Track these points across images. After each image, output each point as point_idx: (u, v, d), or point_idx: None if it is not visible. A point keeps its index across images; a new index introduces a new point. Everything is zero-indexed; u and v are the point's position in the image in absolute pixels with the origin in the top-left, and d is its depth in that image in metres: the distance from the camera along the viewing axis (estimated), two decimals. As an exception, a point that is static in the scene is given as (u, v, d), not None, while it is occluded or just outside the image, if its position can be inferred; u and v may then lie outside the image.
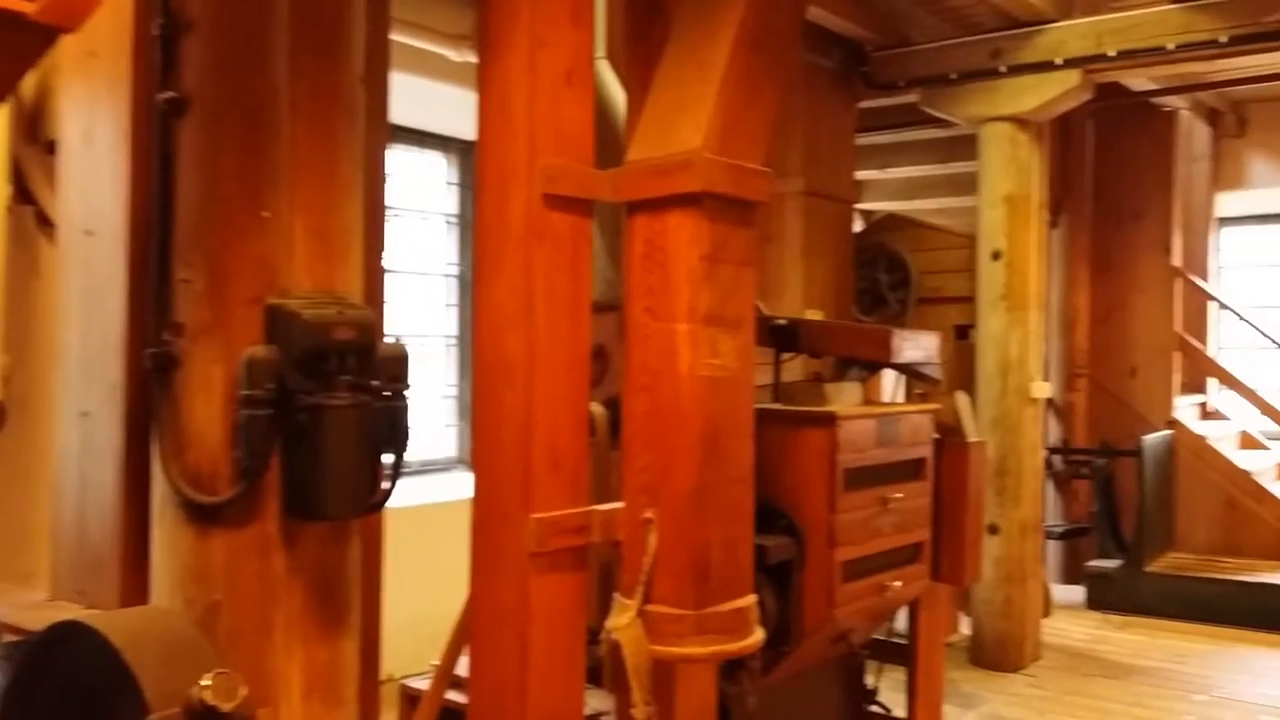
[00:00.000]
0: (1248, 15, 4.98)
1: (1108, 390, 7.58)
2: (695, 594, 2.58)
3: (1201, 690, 5.38)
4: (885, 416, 3.47)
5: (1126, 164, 7.56)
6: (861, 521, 3.36)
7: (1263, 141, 8.31)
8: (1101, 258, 7.61)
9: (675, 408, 2.59)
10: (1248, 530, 7.06)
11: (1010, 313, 5.73)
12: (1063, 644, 6.18)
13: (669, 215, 2.60)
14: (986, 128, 5.82)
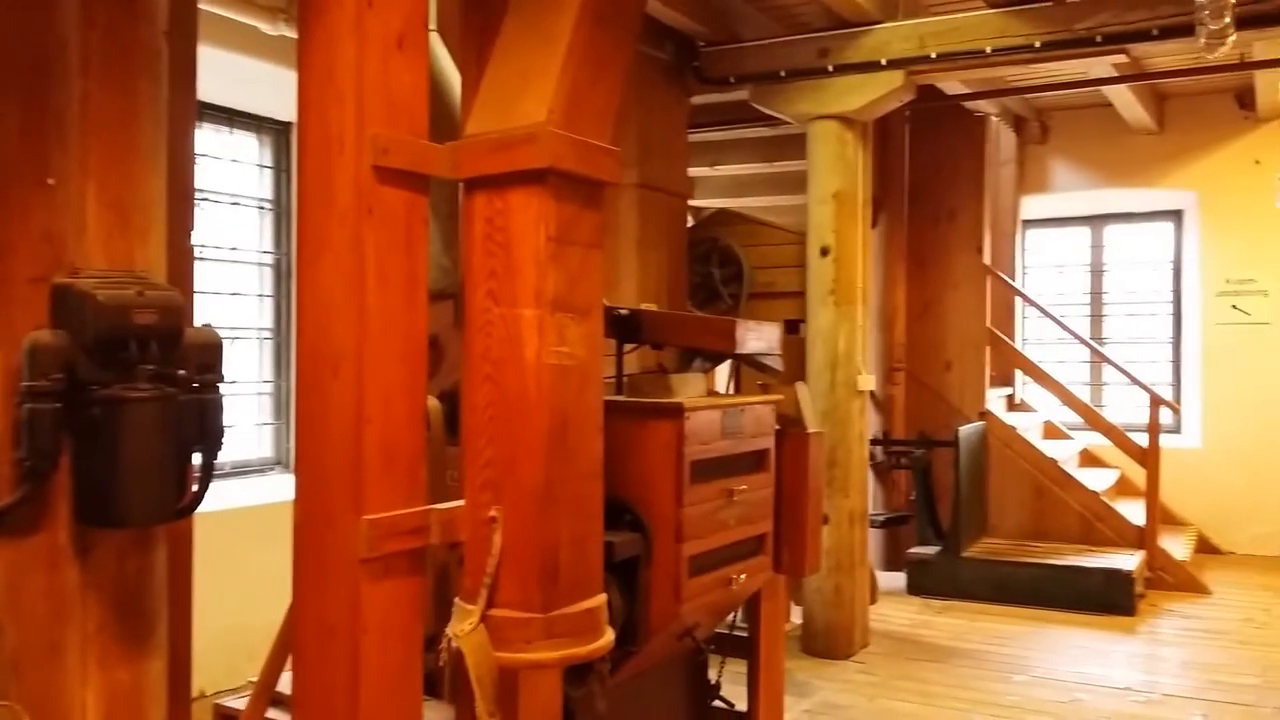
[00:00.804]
0: (1061, 22, 5.19)
1: (924, 383, 7.82)
2: (543, 595, 2.43)
3: (1020, 671, 5.58)
4: (730, 408, 3.40)
5: (941, 166, 7.82)
6: (708, 515, 3.28)
7: (1063, 148, 8.78)
8: (918, 256, 7.85)
9: (521, 399, 2.44)
10: (1054, 515, 7.42)
11: (838, 307, 5.81)
12: (888, 630, 6.32)
13: (512, 193, 2.44)
14: (815, 126, 5.88)
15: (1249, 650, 5.87)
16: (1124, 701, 5.11)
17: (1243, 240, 8.27)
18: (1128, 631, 6.28)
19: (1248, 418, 8.18)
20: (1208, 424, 8.32)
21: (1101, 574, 6.70)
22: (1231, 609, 6.72)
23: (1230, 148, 8.27)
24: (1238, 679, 5.40)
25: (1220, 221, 8.37)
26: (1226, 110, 8.23)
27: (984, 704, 5.12)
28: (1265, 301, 8.18)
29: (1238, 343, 8.27)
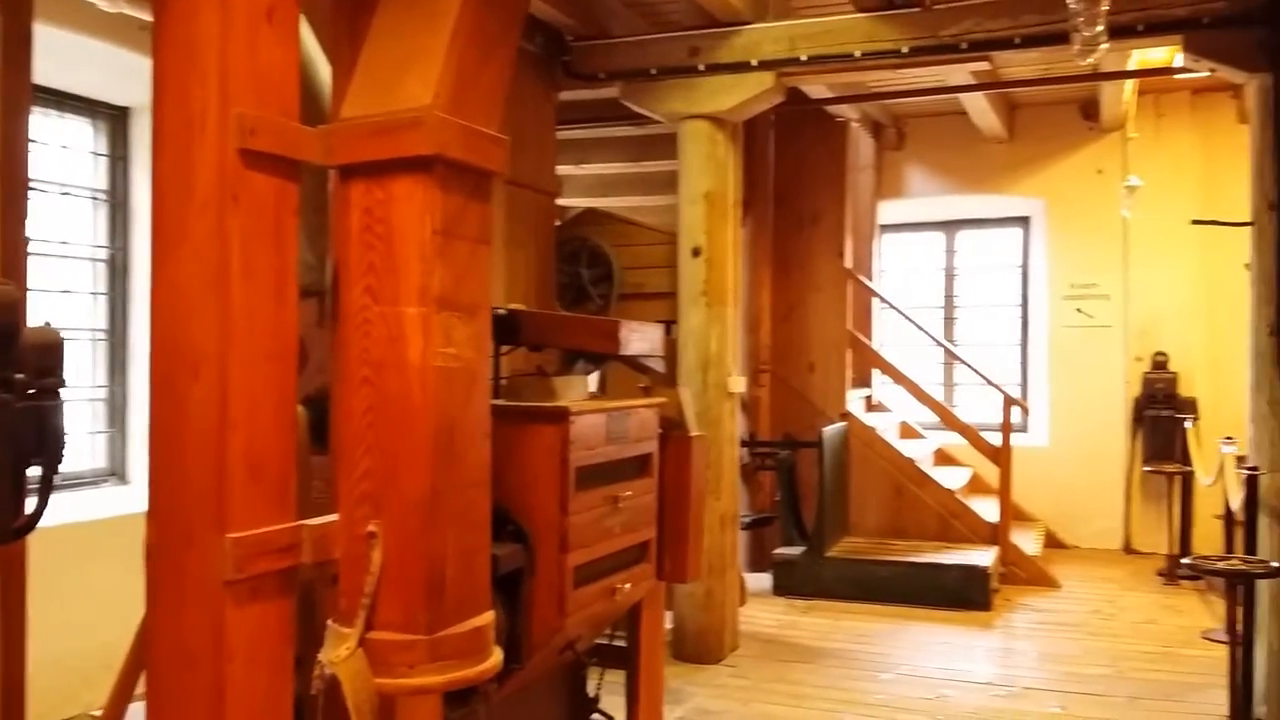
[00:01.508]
0: (928, 28, 5.27)
1: (788, 385, 7.88)
2: (428, 615, 2.25)
3: (887, 668, 5.64)
4: (615, 411, 3.27)
5: (804, 170, 7.90)
6: (593, 522, 3.15)
7: (919, 154, 9.00)
8: (782, 259, 7.91)
9: (404, 403, 2.25)
10: (913, 514, 7.57)
11: (710, 309, 5.77)
12: (756, 631, 6.32)
13: (395, 181, 2.26)
14: (686, 125, 5.83)
15: (1099, 641, 6.09)
16: (987, 696, 5.21)
17: (1086, 246, 8.64)
18: (985, 626, 6.44)
19: (1091, 417, 8.55)
20: (1054, 423, 8.67)
21: (959, 570, 6.86)
22: (1080, 601, 6.98)
23: (1075, 157, 8.63)
24: (1091, 670, 5.58)
25: (1066, 228, 8.73)
26: (1072, 121, 8.59)
27: (854, 703, 5.14)
28: (1107, 305, 8.56)
29: (1082, 345, 8.64)
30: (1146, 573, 7.74)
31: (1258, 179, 4.80)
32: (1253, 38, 4.68)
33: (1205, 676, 5.39)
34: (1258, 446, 4.78)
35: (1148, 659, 5.74)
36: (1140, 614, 6.68)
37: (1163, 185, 7.94)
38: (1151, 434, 8.16)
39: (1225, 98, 8.20)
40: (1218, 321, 8.24)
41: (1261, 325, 4.75)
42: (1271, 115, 4.70)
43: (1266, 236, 4.74)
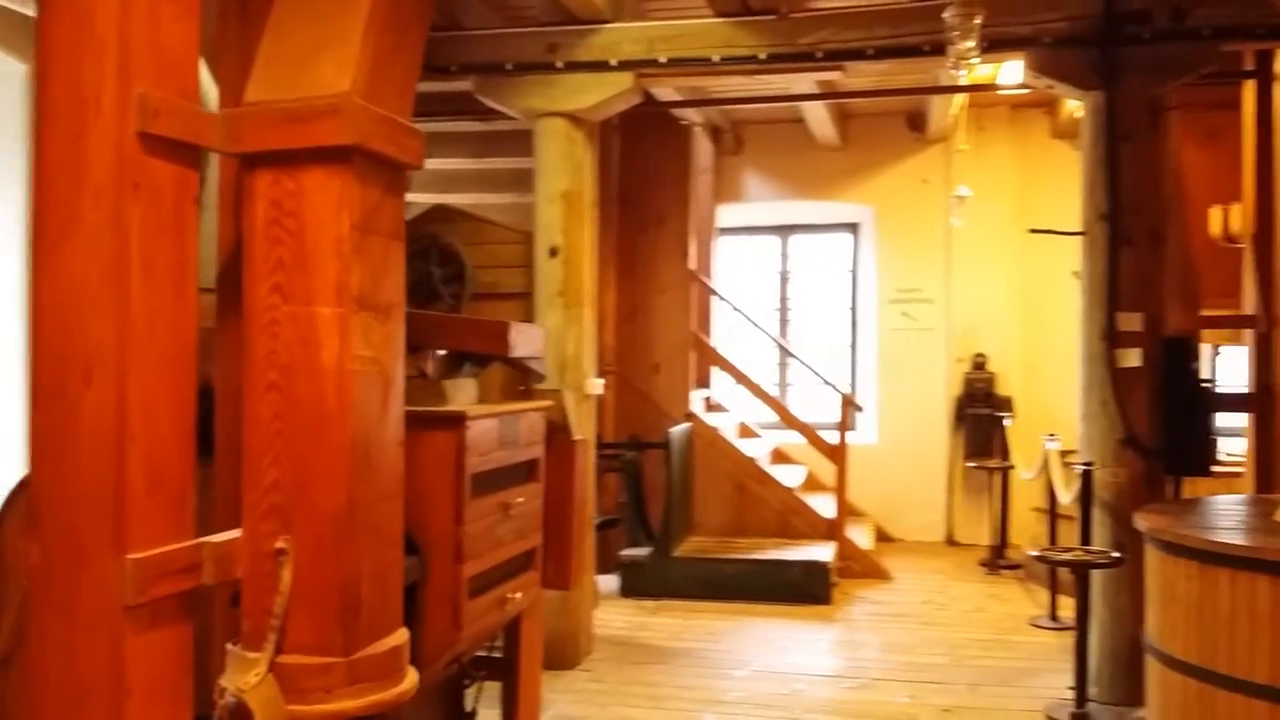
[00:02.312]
0: (784, 36, 5.37)
1: (633, 386, 7.90)
2: (344, 636, 2.12)
3: (739, 665, 5.72)
4: (506, 415, 3.18)
5: (649, 171, 7.94)
6: (486, 531, 3.05)
7: (756, 160, 9.20)
8: (628, 260, 7.92)
9: (317, 410, 2.11)
10: (754, 511, 7.73)
11: (568, 310, 5.71)
12: (609, 635, 6.30)
13: (308, 173, 2.11)
14: (543, 123, 5.75)
15: (934, 631, 6.37)
16: (838, 689, 5.36)
17: (912, 252, 9.04)
18: (828, 620, 6.64)
19: (916, 416, 8.96)
20: (882, 422, 9.02)
21: (801, 566, 7.04)
22: (912, 593, 7.29)
23: (902, 166, 9.02)
24: (930, 659, 5.82)
25: (893, 234, 9.11)
26: (900, 132, 8.97)
27: (712, 702, 5.19)
28: (931, 309, 8.98)
29: (907, 347, 9.04)
30: (970, 563, 8.17)
31: (1090, 192, 5.11)
32: (1088, 58, 4.99)
33: (1038, 661, 5.72)
34: (1089, 443, 5.09)
35: (982, 646, 6.04)
36: (969, 603, 7.03)
37: (982, 195, 8.38)
38: (972, 431, 8.62)
39: (1040, 114, 8.75)
40: (1032, 325, 8.78)
41: (1093, 330, 5.06)
42: (1104, 131, 5.01)
43: (1098, 246, 5.05)
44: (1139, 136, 5.02)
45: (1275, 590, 3.49)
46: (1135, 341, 4.98)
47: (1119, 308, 4.99)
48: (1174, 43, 4.94)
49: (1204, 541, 3.74)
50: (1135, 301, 5.00)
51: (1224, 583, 3.65)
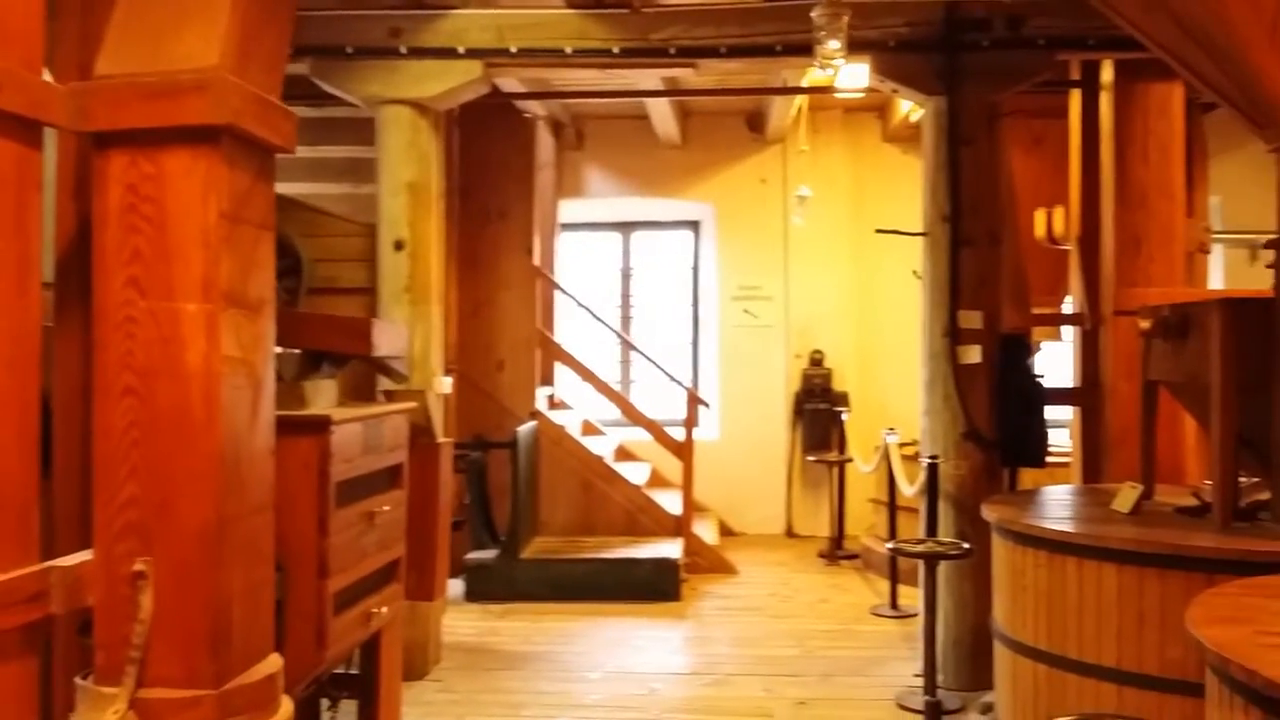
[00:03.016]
0: (637, 30, 5.31)
1: (476, 384, 7.71)
2: (214, 666, 1.93)
3: (594, 668, 5.64)
4: (370, 419, 3.00)
5: (491, 164, 7.76)
6: (351, 542, 2.87)
7: (597, 155, 9.14)
8: (470, 254, 7.72)
9: (182, 417, 1.91)
10: (601, 510, 7.66)
11: (414, 306, 5.49)
12: (457, 642, 6.10)
13: (171, 154, 1.91)
14: (386, 110, 5.51)
15: (782, 623, 6.45)
16: (696, 686, 5.35)
17: (752, 251, 9.16)
18: (679, 617, 6.63)
19: (756, 411, 9.09)
20: (724, 418, 9.11)
21: (650, 564, 7.02)
22: (758, 586, 7.38)
23: (742, 166, 9.13)
24: (781, 651, 5.89)
25: (733, 233, 9.21)
26: (739, 131, 9.07)
27: (570, 706, 5.09)
28: (770, 306, 9.13)
29: (748, 343, 9.16)
30: (809, 554, 8.34)
31: (932, 194, 5.26)
32: (931, 63, 5.13)
33: (883, 650, 5.86)
34: (933, 437, 5.24)
35: (829, 637, 6.15)
36: (813, 594, 7.16)
37: (818, 196, 8.55)
38: (811, 426, 8.81)
39: (873, 118, 9.02)
40: (866, 323, 9.05)
41: (936, 327, 5.21)
42: (946, 135, 5.17)
43: (940, 246, 5.20)
44: (978, 141, 5.20)
45: (1121, 577, 3.65)
46: (976, 339, 5.16)
47: (960, 306, 5.16)
48: (1011, 51, 5.14)
49: (1053, 532, 3.88)
50: (975, 300, 5.18)
51: (1072, 571, 3.80)
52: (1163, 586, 3.55)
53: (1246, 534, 3.66)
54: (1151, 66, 5.32)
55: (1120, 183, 5.40)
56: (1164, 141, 5.34)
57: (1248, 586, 2.90)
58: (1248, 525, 3.83)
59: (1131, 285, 5.34)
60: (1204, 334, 3.97)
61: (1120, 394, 5.33)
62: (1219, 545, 3.49)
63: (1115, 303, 5.38)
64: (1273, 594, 2.81)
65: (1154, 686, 3.57)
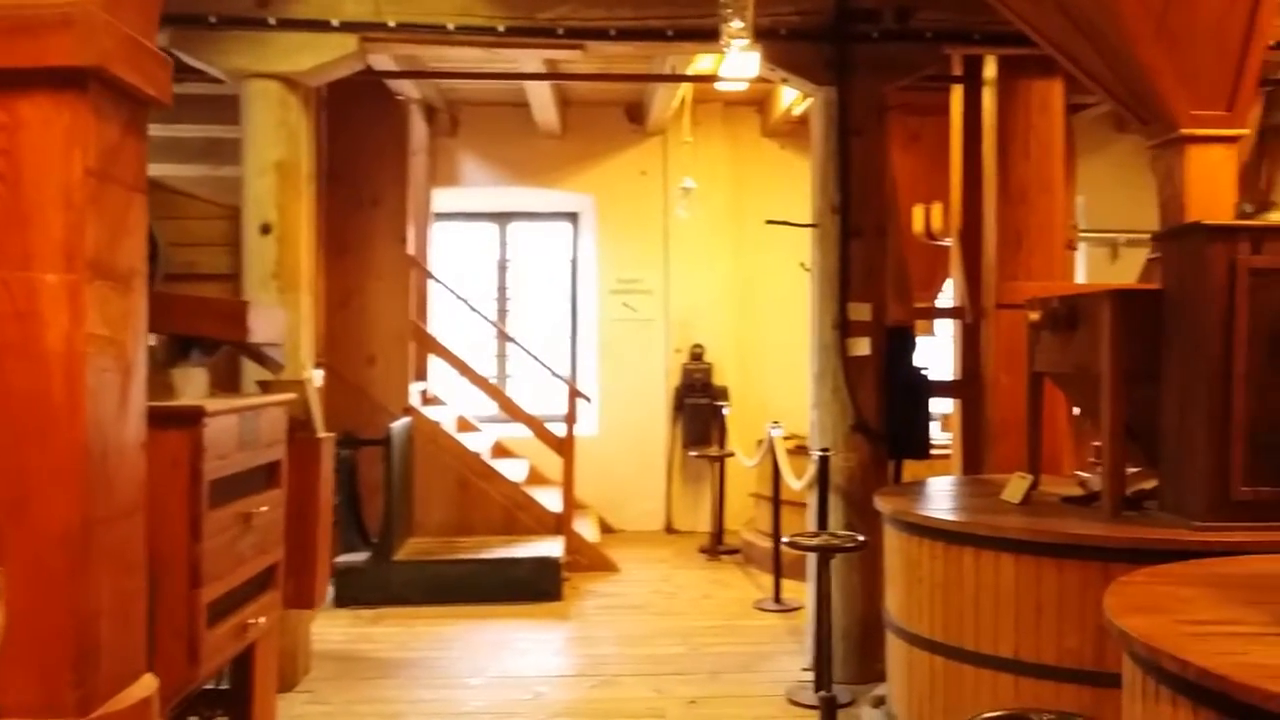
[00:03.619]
0: (524, 9, 5.11)
1: (346, 379, 7.36)
2: (79, 690, 1.67)
3: (475, 672, 5.42)
4: (247, 411, 2.74)
5: (363, 148, 7.42)
6: (226, 547, 2.61)
7: (472, 143, 8.87)
8: (339, 241, 7.36)
9: (40, 404, 1.65)
10: (478, 508, 7.42)
11: (282, 294, 5.16)
12: (327, 650, 5.79)
13: (28, 101, 1.65)
14: (253, 85, 5.16)
15: (667, 620, 6.35)
16: (583, 688, 5.19)
17: (632, 243, 9.04)
18: (561, 617, 6.45)
19: (636, 406, 8.97)
20: (603, 413, 8.96)
21: (531, 563, 6.82)
22: (640, 583, 7.26)
23: (621, 157, 8.99)
24: (668, 650, 5.78)
25: (613, 225, 9.07)
26: (619, 122, 8.93)
27: (450, 714, 4.87)
28: (650, 300, 9.02)
29: (627, 337, 9.03)
30: (690, 550, 8.27)
31: (821, 185, 5.23)
32: (822, 53, 5.09)
33: (770, 645, 5.81)
34: (822, 429, 5.21)
35: (715, 633, 6.07)
36: (695, 590, 7.08)
37: (698, 190, 8.48)
38: (691, 421, 8.74)
39: (752, 112, 9.00)
40: (746, 317, 9.03)
41: (826, 320, 5.18)
42: (835, 126, 5.14)
43: (830, 238, 5.17)
44: (868, 132, 5.19)
45: (1019, 568, 3.66)
46: (865, 331, 5.15)
47: (850, 298, 5.14)
48: (900, 43, 5.14)
49: (950, 523, 3.87)
50: (864, 292, 5.17)
51: (969, 562, 3.79)
52: (1060, 576, 3.57)
53: (1137, 522, 3.71)
54: (1033, 63, 5.42)
55: (1002, 178, 5.47)
56: (1045, 137, 5.43)
57: (1155, 575, 2.90)
58: (1136, 514, 3.89)
59: (1012, 279, 5.41)
60: (1093, 325, 4.01)
61: (1002, 386, 5.40)
62: (1116, 534, 3.52)
63: (997, 296, 5.44)
64: (1179, 581, 2.82)
65: (1052, 676, 3.58)
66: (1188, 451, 3.68)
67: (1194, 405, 3.63)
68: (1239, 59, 4.06)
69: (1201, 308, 3.59)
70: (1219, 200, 4.07)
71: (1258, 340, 3.54)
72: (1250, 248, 3.57)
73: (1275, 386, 3.54)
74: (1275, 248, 3.55)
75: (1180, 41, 3.97)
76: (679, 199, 7.94)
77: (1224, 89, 4.07)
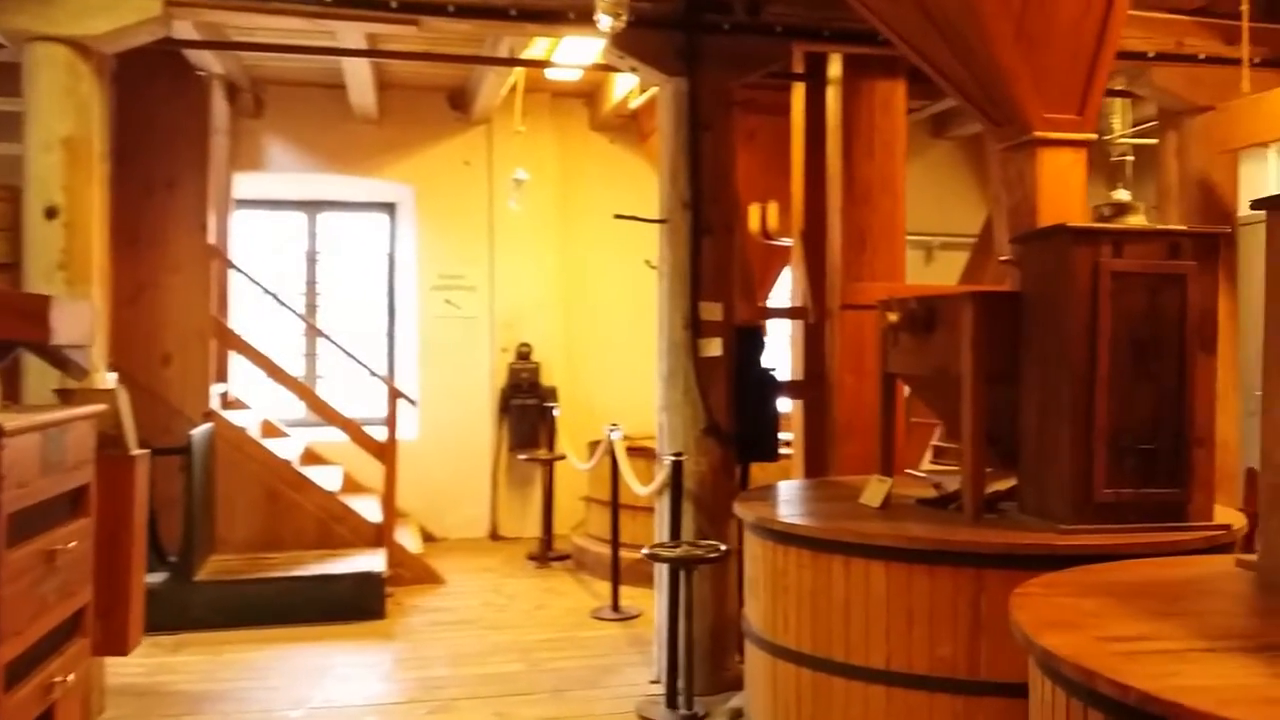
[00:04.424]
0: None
1: (137, 381, 6.61)
2: None
3: (294, 704, 4.95)
4: (51, 428, 2.27)
5: (157, 126, 6.75)
6: (27, 592, 2.15)
7: (279, 126, 8.24)
8: (129, 229, 6.62)
9: None
10: (290, 521, 6.87)
11: (71, 286, 4.54)
12: (123, 685, 5.19)
13: None
14: (38, 49, 4.54)
15: (502, 635, 6.01)
16: (417, 715, 4.81)
17: (455, 237, 8.61)
18: (387, 637, 6.01)
19: (459, 408, 8.55)
20: (424, 416, 8.48)
21: (350, 579, 6.36)
22: (469, 595, 6.88)
23: (443, 146, 8.54)
24: (506, 668, 5.46)
25: (434, 217, 8.61)
26: (440, 109, 8.48)
27: (271, 752, 4.41)
28: (474, 297, 8.61)
29: (450, 336, 8.60)
30: (518, 558, 7.94)
31: (671, 179, 5.03)
32: (673, 42, 4.89)
33: (612, 657, 5.58)
34: (673, 433, 5.02)
35: (553, 647, 5.79)
36: (528, 600, 6.77)
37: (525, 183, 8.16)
38: (518, 423, 8.40)
39: (580, 104, 8.74)
40: (575, 314, 8.77)
41: (676, 319, 4.99)
42: (686, 120, 4.95)
43: (680, 234, 4.98)
44: (718, 127, 5.03)
45: (888, 575, 3.56)
46: (716, 331, 4.99)
47: (702, 297, 4.97)
48: (751, 35, 5.02)
49: (819, 529, 3.74)
50: (715, 291, 5.01)
51: (839, 570, 3.67)
52: (932, 583, 3.49)
53: (1003, 526, 3.68)
54: (877, 63, 5.41)
55: (847, 178, 5.43)
56: (888, 138, 5.42)
57: (1051, 586, 2.83)
58: (996, 516, 3.87)
59: (857, 279, 5.38)
60: (953, 328, 3.97)
61: (847, 387, 5.36)
62: (990, 540, 3.46)
63: (842, 296, 5.39)
64: (1077, 592, 2.76)
65: (924, 686, 3.50)
66: (1050, 454, 3.68)
67: (1056, 408, 3.63)
68: (1091, 64, 4.11)
69: (1065, 311, 3.59)
70: (1069, 204, 4.12)
71: (1119, 344, 3.58)
72: (1112, 250, 3.60)
73: (1135, 390, 3.58)
74: (1136, 251, 3.59)
75: (1037, 44, 3.99)
76: (510, 191, 7.57)
77: (1076, 93, 4.11)
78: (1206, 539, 3.51)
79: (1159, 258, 3.61)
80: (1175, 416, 3.60)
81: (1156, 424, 3.60)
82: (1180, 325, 3.60)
